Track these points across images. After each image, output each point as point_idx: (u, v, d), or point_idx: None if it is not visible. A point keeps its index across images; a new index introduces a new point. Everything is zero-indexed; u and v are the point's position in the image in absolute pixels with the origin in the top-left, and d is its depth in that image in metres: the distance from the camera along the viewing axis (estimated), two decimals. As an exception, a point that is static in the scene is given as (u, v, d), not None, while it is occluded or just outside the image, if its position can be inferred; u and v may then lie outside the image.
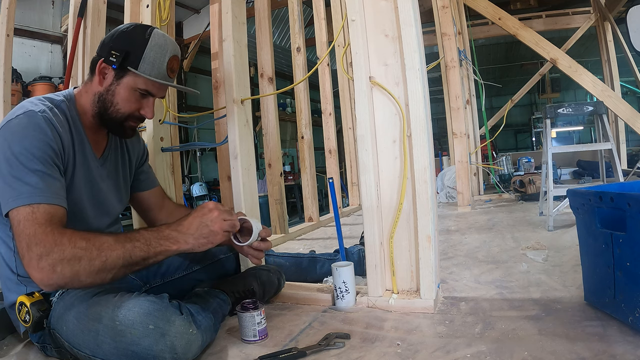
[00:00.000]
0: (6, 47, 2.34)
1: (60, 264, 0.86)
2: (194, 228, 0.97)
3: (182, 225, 0.98)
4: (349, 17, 1.30)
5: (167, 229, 0.98)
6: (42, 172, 0.92)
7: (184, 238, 0.96)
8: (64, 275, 0.86)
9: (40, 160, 0.92)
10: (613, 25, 5.07)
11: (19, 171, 0.90)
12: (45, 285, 0.88)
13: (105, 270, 0.89)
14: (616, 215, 0.98)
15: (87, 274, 0.88)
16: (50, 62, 5.71)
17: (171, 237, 0.96)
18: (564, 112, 2.39)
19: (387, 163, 1.29)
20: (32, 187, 0.89)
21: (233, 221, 1.01)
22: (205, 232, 0.97)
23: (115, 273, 0.91)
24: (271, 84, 2.68)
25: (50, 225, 0.88)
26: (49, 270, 0.86)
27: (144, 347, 0.86)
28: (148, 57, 1.05)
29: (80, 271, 0.87)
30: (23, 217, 0.88)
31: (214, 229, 0.97)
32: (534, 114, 12.52)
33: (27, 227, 0.87)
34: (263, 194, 4.82)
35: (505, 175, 4.57)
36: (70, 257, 0.86)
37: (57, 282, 0.88)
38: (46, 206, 0.90)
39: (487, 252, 1.86)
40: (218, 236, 0.98)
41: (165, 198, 1.37)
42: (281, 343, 1.05)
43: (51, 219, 0.90)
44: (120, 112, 1.09)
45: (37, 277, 0.86)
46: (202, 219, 0.98)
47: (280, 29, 7.56)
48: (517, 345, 0.92)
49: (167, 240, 0.96)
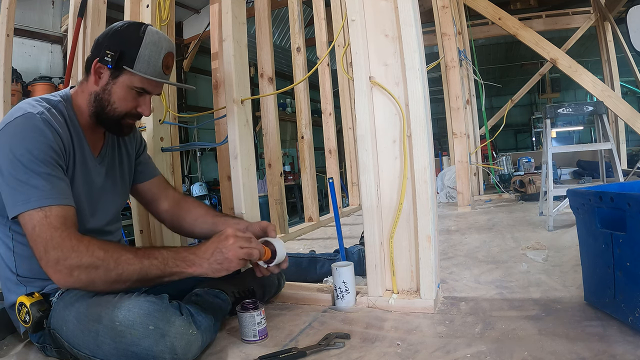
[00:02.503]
0: (6, 47, 2.34)
1: (78, 269, 0.89)
2: (209, 253, 0.99)
3: (199, 249, 1.00)
4: (349, 17, 1.30)
5: (185, 250, 1.00)
6: (47, 173, 0.92)
7: (200, 262, 0.99)
8: (80, 280, 0.90)
9: (43, 162, 0.93)
10: (613, 25, 5.07)
11: (23, 174, 0.90)
12: (62, 286, 0.93)
13: (120, 282, 0.93)
14: (616, 215, 0.98)
15: (102, 282, 0.92)
16: (50, 62, 5.71)
17: (188, 260, 0.98)
18: (564, 112, 2.39)
19: (387, 163, 1.29)
20: (40, 190, 0.90)
21: (250, 250, 1.03)
22: (220, 258, 0.99)
23: (129, 285, 0.94)
24: (271, 84, 2.67)
25: (67, 230, 0.91)
26: (66, 273, 0.89)
27: (144, 347, 0.86)
28: (143, 56, 1.06)
29: (95, 279, 0.91)
30: (37, 222, 0.89)
31: (229, 256, 0.99)
32: (534, 114, 12.52)
33: (43, 231, 0.89)
34: (263, 194, 4.82)
35: (505, 175, 4.56)
36: (88, 264, 0.90)
37: (74, 285, 0.92)
38: (57, 208, 0.91)
39: (487, 252, 1.86)
40: (232, 264, 1.00)
41: (168, 187, 1.37)
42: (281, 343, 1.05)
43: (65, 221, 0.92)
44: (117, 111, 1.09)
45: (55, 278, 0.90)
46: (219, 245, 1.00)
47: (280, 29, 7.56)
48: (517, 345, 0.92)
49: (184, 262, 0.98)
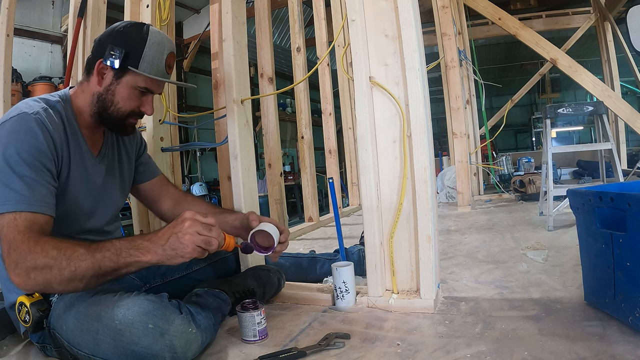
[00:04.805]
0: (6, 47, 2.34)
1: (34, 271, 0.86)
2: (164, 239, 0.89)
3: (155, 235, 0.91)
4: (349, 17, 1.30)
5: (140, 238, 0.92)
6: (29, 177, 0.92)
7: (154, 248, 0.89)
8: (37, 282, 0.87)
9: (29, 165, 0.92)
10: (613, 25, 5.07)
11: (6, 176, 0.91)
12: (23, 290, 0.93)
13: (76, 280, 0.88)
14: (616, 215, 0.98)
15: (58, 282, 0.88)
16: (50, 62, 5.71)
17: (142, 248, 0.90)
18: (564, 112, 2.39)
19: (387, 163, 1.29)
20: (18, 194, 0.90)
21: (208, 238, 0.90)
22: (174, 244, 0.88)
23: (86, 282, 0.89)
24: (271, 84, 2.67)
25: (29, 233, 0.88)
26: (24, 276, 0.87)
27: (143, 346, 0.86)
28: (147, 56, 1.06)
29: (51, 279, 0.87)
30: (6, 224, 0.88)
31: (183, 241, 0.88)
32: (534, 114, 12.53)
33: (8, 233, 0.88)
34: (263, 194, 4.83)
35: (505, 175, 4.57)
36: (42, 265, 0.87)
37: (33, 288, 0.90)
38: (28, 214, 0.90)
39: (487, 252, 1.86)
40: (187, 249, 0.88)
41: (169, 186, 1.36)
42: (281, 343, 1.05)
43: (31, 226, 0.89)
44: (121, 111, 1.09)
45: (15, 281, 0.88)
46: (174, 229, 0.90)
47: (280, 29, 7.55)
48: (517, 345, 0.92)
49: (138, 251, 0.90)
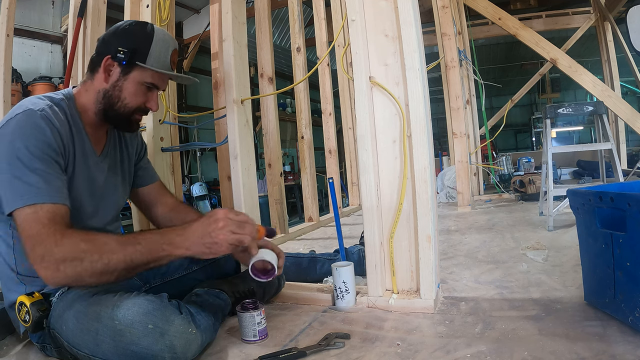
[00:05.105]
0: (6, 47, 2.34)
1: (63, 263, 0.86)
2: (197, 236, 0.93)
3: (186, 230, 0.95)
4: (349, 17, 1.30)
5: (171, 232, 0.95)
6: (42, 170, 0.92)
7: (187, 244, 0.93)
8: (67, 275, 0.87)
9: (40, 159, 0.92)
10: (613, 25, 5.07)
11: (19, 171, 0.90)
12: (51, 283, 0.90)
13: (108, 273, 0.89)
14: (616, 215, 0.98)
15: (89, 274, 0.88)
16: (50, 62, 5.71)
17: (174, 243, 0.93)
18: (564, 112, 2.39)
19: (387, 163, 1.29)
20: (34, 187, 0.90)
21: (241, 236, 0.95)
22: (208, 242, 0.93)
23: (117, 275, 0.91)
24: (271, 84, 2.67)
25: (54, 225, 0.89)
26: (53, 269, 0.86)
27: (143, 346, 0.86)
28: (154, 52, 1.09)
29: (82, 272, 0.88)
30: (26, 218, 0.88)
31: (218, 240, 0.93)
32: (534, 114, 12.53)
33: (30, 227, 0.88)
34: (263, 194, 4.82)
35: (505, 175, 4.57)
36: (72, 258, 0.87)
37: (62, 281, 0.89)
38: (48, 205, 0.90)
39: (487, 252, 1.86)
40: (222, 248, 0.93)
41: (166, 194, 1.37)
42: (281, 343, 1.05)
43: (54, 217, 0.90)
44: (128, 107, 1.11)
45: (43, 275, 0.87)
46: (208, 228, 0.93)
47: (280, 29, 7.55)
48: (517, 345, 0.92)
49: (170, 245, 0.93)
